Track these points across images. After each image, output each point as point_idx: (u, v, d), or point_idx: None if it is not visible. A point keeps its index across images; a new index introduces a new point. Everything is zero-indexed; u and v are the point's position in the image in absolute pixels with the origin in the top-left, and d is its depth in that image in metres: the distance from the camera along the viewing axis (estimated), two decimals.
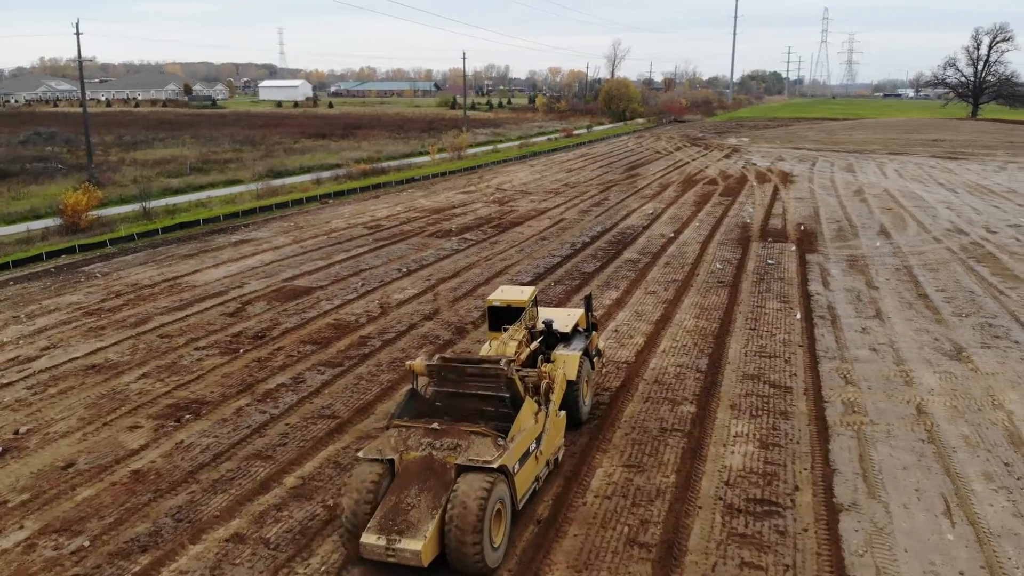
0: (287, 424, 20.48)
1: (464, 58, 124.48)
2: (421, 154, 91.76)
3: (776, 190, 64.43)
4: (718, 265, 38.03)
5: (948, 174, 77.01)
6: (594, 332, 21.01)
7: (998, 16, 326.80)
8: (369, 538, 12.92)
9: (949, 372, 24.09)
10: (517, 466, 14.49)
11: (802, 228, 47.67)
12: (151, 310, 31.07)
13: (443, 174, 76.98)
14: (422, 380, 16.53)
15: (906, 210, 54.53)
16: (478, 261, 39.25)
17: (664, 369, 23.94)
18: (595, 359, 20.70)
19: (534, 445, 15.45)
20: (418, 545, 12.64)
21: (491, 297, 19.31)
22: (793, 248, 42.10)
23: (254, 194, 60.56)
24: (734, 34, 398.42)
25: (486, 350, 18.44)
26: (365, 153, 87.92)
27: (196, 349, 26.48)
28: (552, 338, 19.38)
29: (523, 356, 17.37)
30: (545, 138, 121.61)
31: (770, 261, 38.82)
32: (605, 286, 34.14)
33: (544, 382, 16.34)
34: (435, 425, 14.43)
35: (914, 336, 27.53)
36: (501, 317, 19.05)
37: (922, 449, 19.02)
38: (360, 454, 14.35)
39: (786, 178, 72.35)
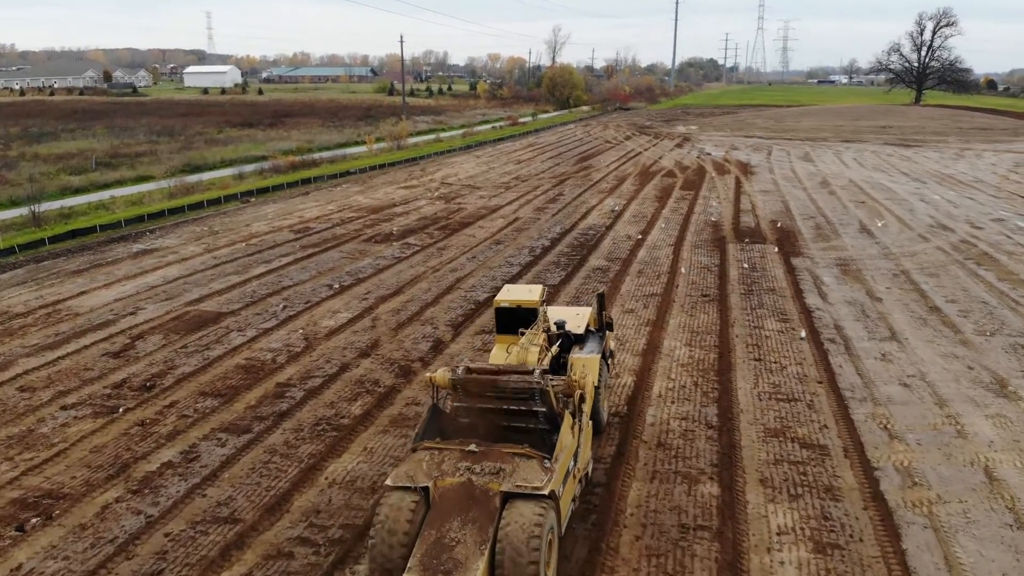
0: (167, 534, 14.80)
1: (401, 42, 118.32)
2: (357, 144, 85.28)
3: (739, 182, 60.41)
4: (696, 277, 33.34)
5: (908, 163, 74.43)
6: (608, 332, 19.17)
7: (933, 3, 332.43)
8: None
9: (1002, 416, 19.77)
10: (561, 488, 12.89)
11: (779, 226, 43.47)
12: (16, 350, 24.77)
13: (382, 166, 70.91)
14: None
15: (880, 204, 51.01)
16: (424, 273, 33.75)
17: (666, 424, 18.98)
18: (608, 360, 18.96)
19: (572, 463, 13.82)
20: None
21: (498, 298, 17.50)
22: (775, 251, 37.76)
23: (166, 193, 53.67)
24: (676, 20, 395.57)
25: (497, 356, 16.57)
26: (295, 143, 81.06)
27: (63, 409, 20.47)
28: (566, 340, 17.65)
29: (546, 363, 15.59)
30: (490, 126, 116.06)
31: (753, 271, 34.29)
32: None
33: (578, 392, 14.61)
34: (472, 447, 12.84)
35: (943, 364, 23.23)
36: (510, 319, 17.21)
37: (1014, 541, 14.49)
38: (389, 482, 12.59)
39: (746, 169, 68.53)
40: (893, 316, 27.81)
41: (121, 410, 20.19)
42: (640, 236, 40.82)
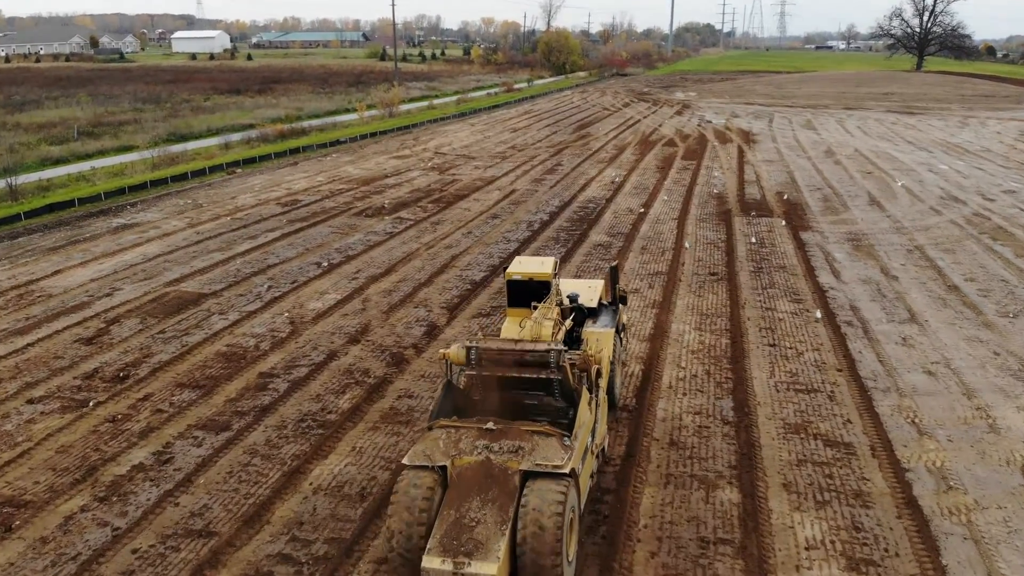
0: (135, 551, 13.43)
1: (393, 5, 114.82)
2: (348, 111, 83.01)
3: (741, 152, 58.67)
4: (703, 253, 31.85)
5: (913, 131, 72.63)
6: (622, 305, 18.62)
7: None
8: (432, 562, 11.15)
9: None
10: (580, 466, 12.70)
11: (785, 198, 41.91)
12: None
13: (373, 135, 68.85)
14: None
15: (887, 174, 49.39)
16: (418, 250, 32.18)
17: (678, 419, 17.62)
18: (621, 334, 18.41)
19: (590, 439, 13.65)
20: (492, 569, 10.99)
21: (510, 270, 16.95)
22: (782, 224, 36.27)
23: (149, 163, 51.71)
24: None
25: (509, 329, 16.11)
26: (284, 111, 78.76)
27: (29, 403, 19.01)
28: (580, 314, 17.13)
29: (560, 337, 15.01)
30: (484, 93, 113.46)
31: (761, 247, 32.82)
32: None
33: (595, 368, 14.16)
34: (489, 425, 12.57)
35: (968, 349, 21.91)
36: (522, 292, 16.64)
37: None
38: (405, 460, 12.35)
39: (748, 137, 66.71)
40: (911, 296, 26.43)
41: (91, 404, 18.75)
42: (642, 209, 39.23)
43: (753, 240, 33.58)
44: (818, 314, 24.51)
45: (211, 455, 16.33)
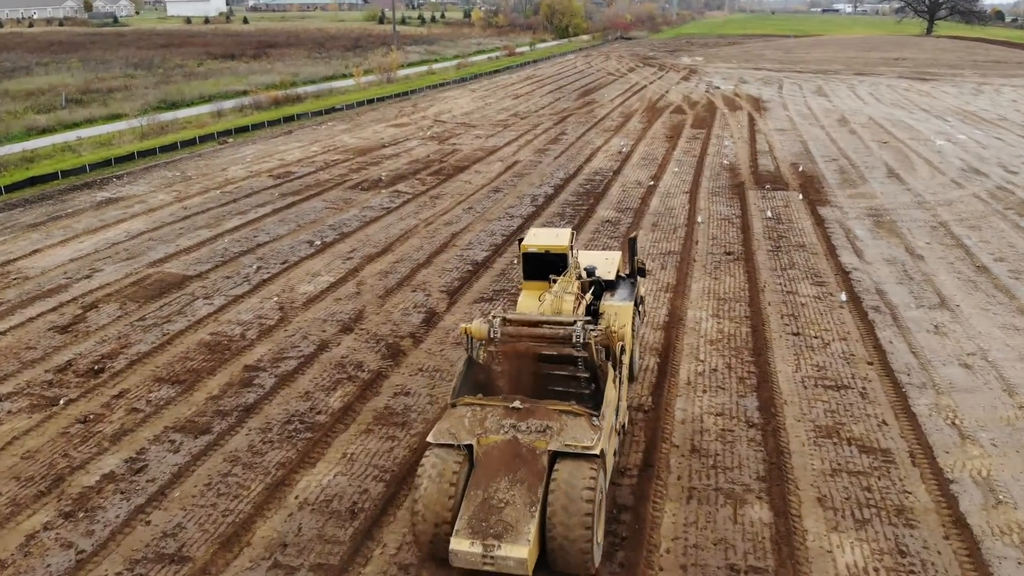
0: None
1: None
2: (345, 77, 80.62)
3: (752, 120, 56.67)
4: (717, 230, 30.21)
5: (927, 98, 70.44)
6: (640, 278, 18.13)
7: None
8: (460, 544, 10.99)
9: None
10: (607, 446, 12.46)
11: (800, 170, 40.12)
12: None
13: (370, 101, 66.73)
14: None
15: (905, 144, 47.50)
16: (416, 226, 30.55)
17: (699, 422, 16.17)
18: (639, 307, 17.94)
19: (615, 417, 13.32)
20: (523, 551, 10.82)
21: (526, 242, 16.46)
22: (799, 198, 34.57)
23: (137, 133, 49.78)
24: None
25: (525, 303, 15.69)
26: (279, 77, 76.43)
27: None
28: (597, 287, 16.67)
29: (581, 312, 14.71)
30: (485, 57, 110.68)
31: (778, 223, 31.17)
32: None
33: (619, 344, 13.90)
34: (516, 403, 12.32)
35: (1004, 339, 20.41)
36: (537, 264, 16.21)
37: None
38: (430, 439, 12.09)
39: (758, 104, 64.59)
40: (939, 278, 24.87)
41: (62, 402, 17.30)
42: (651, 182, 37.48)
43: (769, 215, 31.94)
44: (843, 297, 23.01)
45: (188, 463, 14.91)
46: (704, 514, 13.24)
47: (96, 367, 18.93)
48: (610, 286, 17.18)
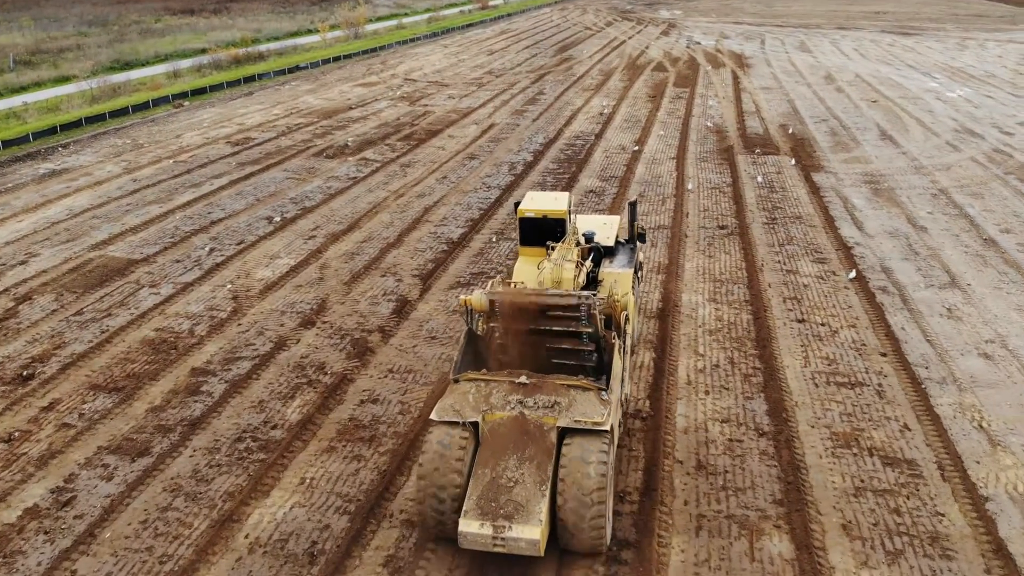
0: None
1: None
2: (310, 32, 76.99)
3: (736, 78, 54.47)
4: (707, 201, 28.35)
5: (912, 54, 68.50)
6: (640, 244, 17.64)
7: None
8: (469, 526, 10.47)
9: None
10: (615, 419, 11.90)
11: (790, 132, 38.24)
12: None
13: (337, 59, 63.51)
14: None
15: (895, 103, 45.71)
16: (385, 199, 28.34)
17: (703, 430, 14.46)
18: (638, 273, 17.47)
19: (619, 389, 12.81)
20: (535, 532, 10.32)
21: (523, 207, 15.98)
22: (791, 163, 32.75)
23: (87, 96, 46.62)
24: None
25: (522, 270, 15.13)
26: (240, 33, 72.64)
27: None
28: (596, 253, 15.93)
29: (582, 280, 14.00)
30: (457, 11, 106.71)
31: (772, 192, 29.35)
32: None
33: (623, 313, 13.60)
34: (522, 378, 11.79)
35: (1022, 322, 18.89)
36: (535, 229, 15.70)
37: None
38: (434, 416, 11.50)
39: (741, 61, 62.30)
40: (945, 252, 23.28)
41: None
42: (636, 147, 35.41)
43: (759, 179, 30.21)
44: (852, 275, 21.41)
45: (122, 494, 12.94)
46: (717, 549, 11.57)
47: (25, 372, 16.79)
48: (609, 252, 16.44)
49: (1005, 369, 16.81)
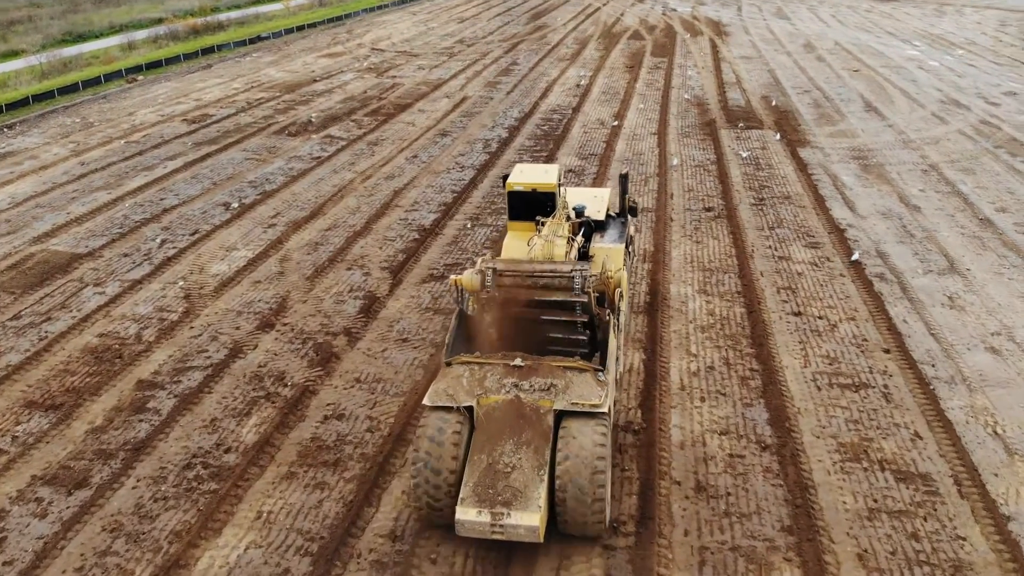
0: None
1: None
2: (272, 0, 74.00)
3: (715, 46, 52.94)
4: (692, 180, 27.04)
5: (890, 20, 67.32)
6: (631, 217, 17.17)
7: None
8: (467, 513, 10.21)
9: None
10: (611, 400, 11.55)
11: (773, 104, 36.94)
12: None
13: (300, 28, 60.97)
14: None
15: (877, 73, 44.52)
16: (352, 181, 26.68)
17: (701, 444, 13.26)
18: (629, 248, 16.95)
19: (615, 369, 12.47)
20: (534, 519, 10.08)
21: (511, 180, 15.60)
22: (776, 138, 31.49)
23: (36, 72, 44.00)
24: None
25: (511, 245, 14.95)
26: (198, 2, 69.54)
27: None
28: (587, 228, 15.53)
29: (573, 256, 13.73)
30: None
31: (758, 170, 28.11)
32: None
33: (617, 290, 13.36)
34: (517, 361, 11.46)
35: None
36: (524, 203, 15.35)
37: None
38: (426, 401, 11.15)
39: (718, 29, 60.70)
40: (941, 234, 22.24)
41: None
42: (615, 121, 33.91)
43: (744, 155, 29.00)
44: (848, 259, 20.37)
45: (56, 535, 11.49)
46: None
47: None
48: (599, 226, 16.01)
49: (1015, 365, 15.80)
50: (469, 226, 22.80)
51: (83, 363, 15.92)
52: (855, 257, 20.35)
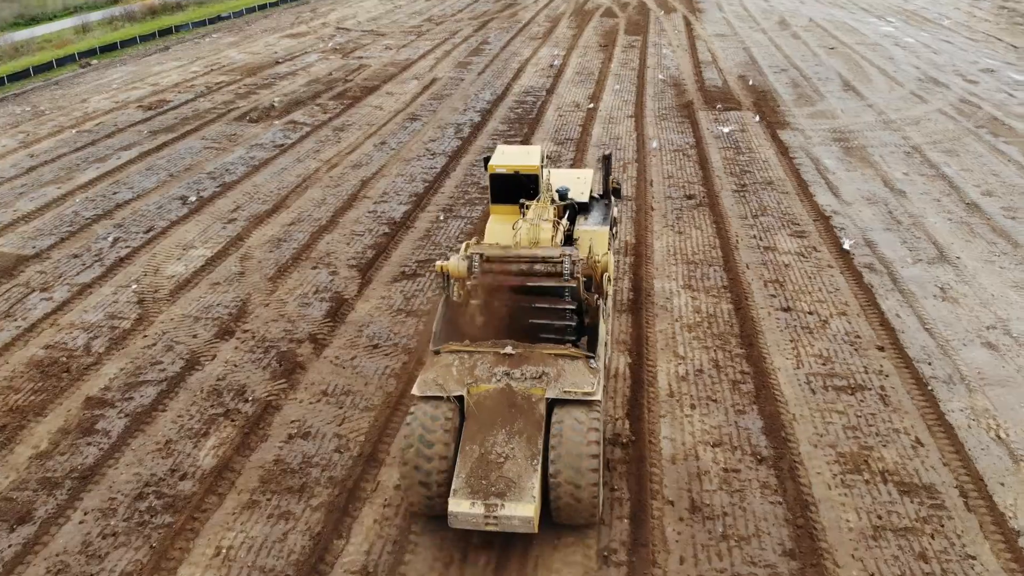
0: None
1: None
2: None
3: (689, 24, 51.96)
4: (671, 166, 26.17)
5: None
6: (615, 199, 16.94)
7: None
8: (460, 505, 10.10)
9: None
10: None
11: (750, 84, 36.12)
12: None
13: (263, 7, 59.00)
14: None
15: (853, 50, 43.89)
16: (317, 171, 25.45)
17: (693, 457, 12.46)
18: (613, 230, 16.58)
19: (605, 355, 12.32)
20: (529, 510, 10.01)
21: (493, 162, 15.18)
22: (756, 120, 30.69)
23: None
24: None
25: (494, 230, 14.62)
26: None
27: None
28: (571, 210, 15.37)
29: (559, 240, 13.50)
30: None
31: (738, 154, 27.32)
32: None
33: (605, 274, 13.30)
34: (508, 349, 11.28)
35: (1021, 301, 17.36)
36: (506, 186, 14.96)
37: None
38: (415, 391, 11.02)
39: (692, 5, 59.66)
40: (928, 220, 21.65)
41: None
42: (591, 104, 32.87)
43: (723, 132, 28.25)
44: (846, 244, 19.75)
45: None
46: None
47: None
48: (583, 208, 15.76)
49: (1013, 361, 15.20)
50: (442, 218, 21.75)
51: (28, 379, 14.72)
52: (846, 246, 19.69)
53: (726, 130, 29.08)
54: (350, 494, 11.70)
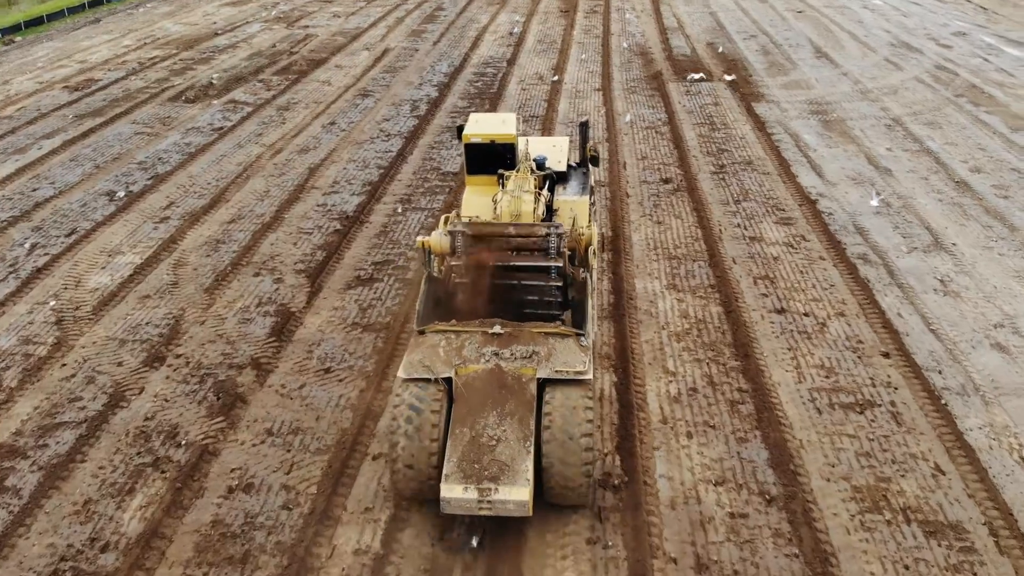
0: None
1: None
2: None
3: None
4: (644, 145, 24.51)
5: None
6: (593, 167, 16.20)
7: None
8: (452, 490, 9.79)
9: None
10: None
11: (720, 51, 34.51)
12: None
13: None
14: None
15: (822, 14, 42.53)
16: (259, 158, 23.24)
17: (695, 502, 10.98)
18: (592, 198, 15.96)
19: (592, 331, 12.07)
20: (523, 493, 9.74)
21: (467, 131, 14.46)
22: (728, 93, 29.11)
23: None
24: None
25: (471, 201, 14.00)
26: None
27: None
28: (550, 181, 14.62)
29: (541, 211, 12.99)
30: None
31: (714, 130, 25.74)
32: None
33: (590, 248, 12.88)
34: (496, 328, 10.97)
35: None
36: (482, 156, 14.30)
37: None
38: (401, 374, 10.64)
39: None
40: (918, 201, 20.42)
41: None
42: (555, 76, 30.93)
43: (695, 104, 26.72)
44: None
45: None
46: None
47: None
48: (561, 177, 15.29)
49: None
50: (400, 210, 19.85)
51: None
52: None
53: (699, 104, 27.45)
54: (301, 564, 9.99)
